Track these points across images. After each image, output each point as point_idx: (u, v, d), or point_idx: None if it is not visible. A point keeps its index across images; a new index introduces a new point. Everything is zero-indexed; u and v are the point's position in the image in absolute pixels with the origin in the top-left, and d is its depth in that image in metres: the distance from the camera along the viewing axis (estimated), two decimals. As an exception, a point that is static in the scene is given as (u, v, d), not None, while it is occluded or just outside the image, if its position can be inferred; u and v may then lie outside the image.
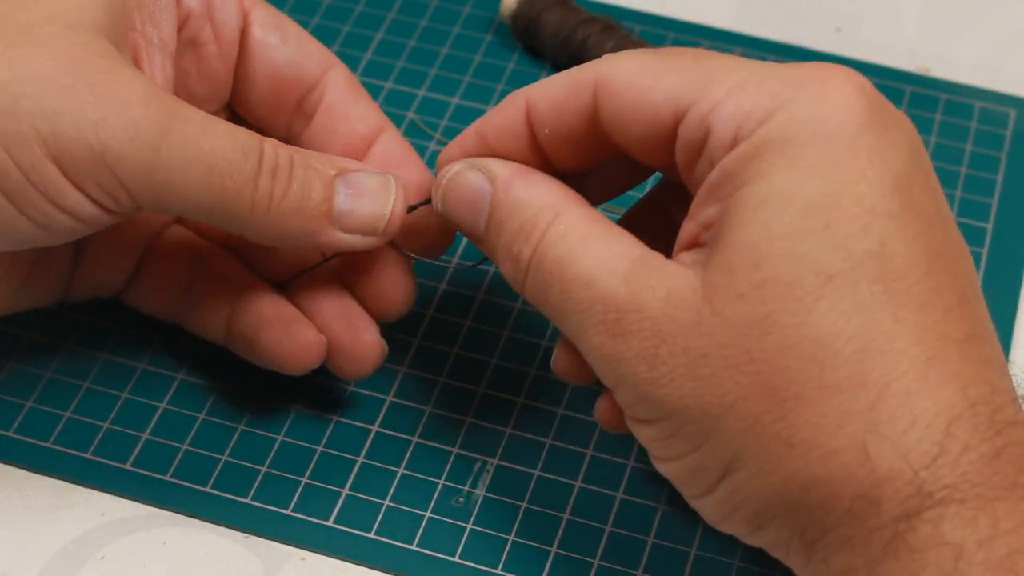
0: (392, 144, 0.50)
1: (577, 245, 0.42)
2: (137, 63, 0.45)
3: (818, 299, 0.38)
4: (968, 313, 0.39)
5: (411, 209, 0.47)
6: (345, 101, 0.50)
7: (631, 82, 0.42)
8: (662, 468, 0.42)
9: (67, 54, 0.42)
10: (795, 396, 0.38)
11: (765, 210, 0.39)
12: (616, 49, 0.61)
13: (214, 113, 0.51)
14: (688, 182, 0.42)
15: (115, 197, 0.43)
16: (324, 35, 0.63)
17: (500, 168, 0.44)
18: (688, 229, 0.41)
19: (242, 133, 0.44)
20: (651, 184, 0.55)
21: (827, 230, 0.38)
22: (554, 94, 0.44)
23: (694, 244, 0.41)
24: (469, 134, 0.46)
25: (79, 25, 0.43)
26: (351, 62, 0.63)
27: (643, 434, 0.42)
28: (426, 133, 0.60)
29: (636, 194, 0.50)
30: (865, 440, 0.38)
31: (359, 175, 0.46)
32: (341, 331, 0.48)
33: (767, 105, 0.40)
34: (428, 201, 0.47)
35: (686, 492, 0.42)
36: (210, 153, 0.42)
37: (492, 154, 0.45)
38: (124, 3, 0.45)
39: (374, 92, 0.61)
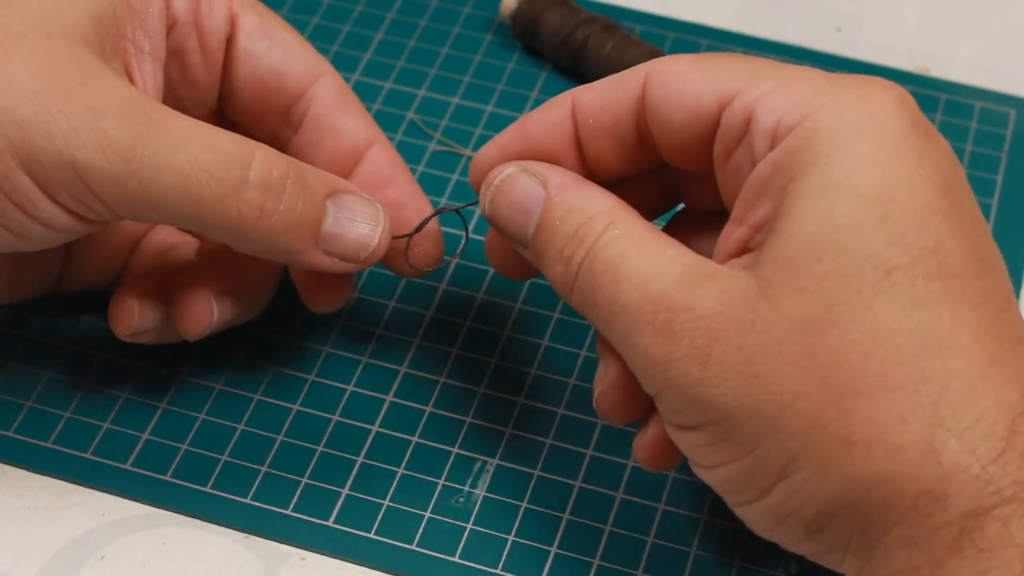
0: (381, 160, 0.50)
1: (630, 248, 0.41)
2: (128, 71, 0.45)
3: (877, 293, 0.38)
4: (1015, 319, 0.39)
5: (397, 237, 0.47)
6: (333, 113, 0.49)
7: (680, 72, 0.42)
8: (708, 476, 0.41)
9: (44, 63, 0.41)
10: (856, 392, 0.38)
11: (823, 200, 0.38)
12: (616, 49, 0.61)
13: (201, 117, 0.50)
14: (721, 177, 0.43)
15: (90, 207, 0.42)
16: (324, 35, 0.63)
17: (554, 174, 0.44)
18: (736, 234, 0.41)
19: (227, 142, 0.43)
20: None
21: (885, 222, 0.38)
22: (602, 87, 0.44)
23: (744, 250, 0.41)
24: (511, 131, 0.45)
25: (61, 34, 0.42)
26: (351, 62, 0.63)
27: (689, 441, 0.41)
28: (426, 133, 0.60)
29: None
30: (931, 435, 0.37)
31: (350, 199, 0.45)
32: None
33: (813, 100, 0.40)
34: (417, 230, 0.47)
35: (734, 499, 0.41)
36: (186, 163, 0.42)
37: (533, 152, 0.45)
38: (114, 12, 0.44)
39: (374, 92, 0.61)
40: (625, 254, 0.41)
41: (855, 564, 0.39)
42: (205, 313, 0.47)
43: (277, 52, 0.49)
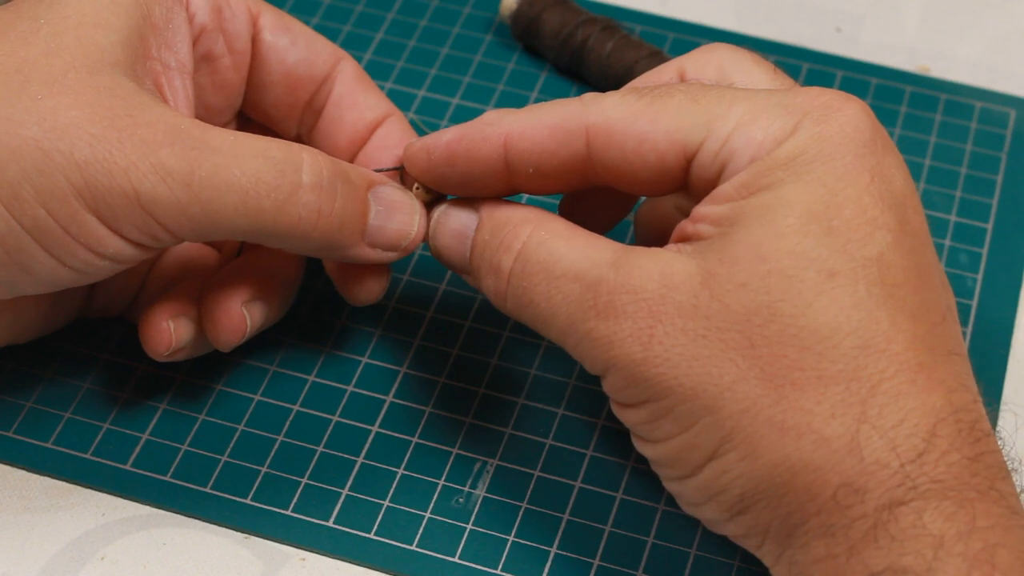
0: (394, 127, 0.51)
1: (561, 245, 0.43)
2: (159, 90, 0.46)
3: (819, 293, 0.39)
4: (949, 332, 0.41)
5: (382, 170, 0.49)
6: (354, 91, 0.51)
7: (628, 131, 0.42)
8: (647, 450, 0.43)
9: (91, 101, 0.42)
10: (792, 382, 0.39)
11: (771, 213, 0.40)
12: (617, 49, 0.61)
13: (227, 122, 0.51)
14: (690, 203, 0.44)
15: (155, 236, 0.43)
16: (324, 35, 0.63)
17: (486, 200, 0.46)
18: (683, 226, 0.42)
19: (275, 149, 0.44)
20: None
21: (829, 234, 0.40)
22: (540, 138, 0.44)
23: (683, 238, 0.42)
24: (439, 149, 0.46)
25: (100, 67, 0.43)
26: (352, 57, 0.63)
27: (630, 417, 0.43)
28: (426, 133, 0.60)
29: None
30: (856, 431, 0.39)
31: (386, 190, 0.47)
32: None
33: (776, 134, 0.41)
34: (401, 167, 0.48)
35: (668, 474, 0.43)
36: (242, 178, 0.43)
37: (456, 176, 0.46)
38: (140, 33, 0.45)
39: (374, 92, 0.61)
40: (557, 252, 0.43)
41: (773, 550, 0.41)
42: (239, 323, 0.48)
43: (300, 43, 0.50)
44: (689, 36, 0.65)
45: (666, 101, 0.43)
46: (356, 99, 0.51)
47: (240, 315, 0.48)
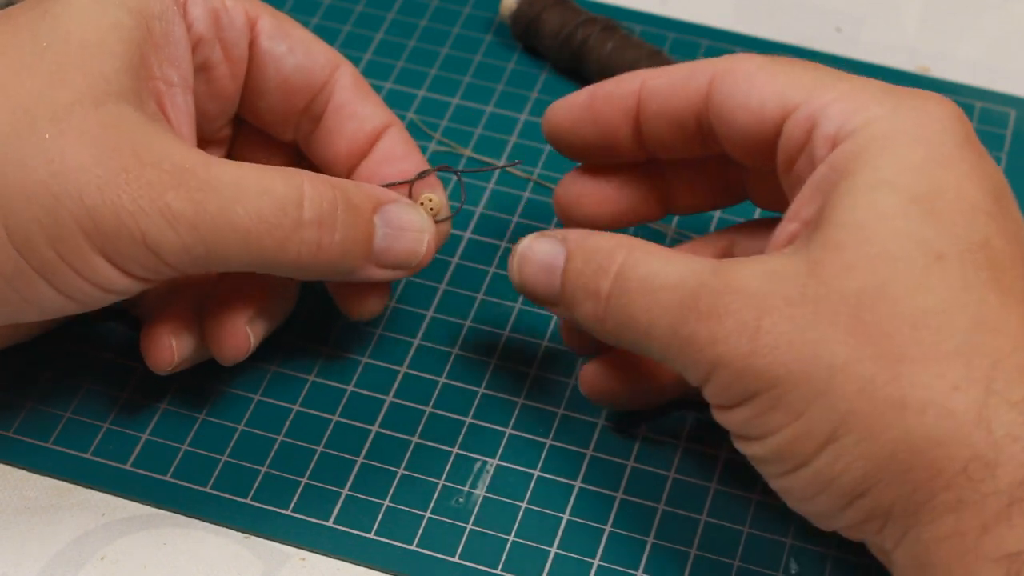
0: (395, 140, 0.51)
1: (658, 262, 0.43)
2: (161, 110, 0.46)
3: (928, 274, 0.39)
4: None
5: (392, 184, 0.49)
6: (353, 100, 0.50)
7: (747, 75, 0.44)
8: (754, 448, 0.42)
9: (98, 139, 0.42)
10: (909, 359, 0.39)
11: (873, 194, 0.40)
12: (617, 49, 0.61)
13: (222, 127, 0.51)
14: (786, 183, 0.44)
15: (158, 271, 0.44)
16: (324, 35, 0.63)
17: (570, 231, 0.46)
18: (787, 228, 0.43)
19: (278, 183, 0.44)
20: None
21: (933, 216, 0.40)
22: (671, 76, 0.46)
23: (790, 243, 0.42)
24: (580, 93, 0.48)
25: (106, 99, 0.43)
26: (351, 62, 0.62)
27: (734, 418, 0.42)
28: (426, 133, 0.60)
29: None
30: (983, 403, 0.38)
31: (395, 209, 0.47)
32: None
33: (873, 109, 0.42)
34: (419, 177, 0.49)
35: (777, 469, 0.42)
36: (245, 218, 0.43)
37: (590, 117, 0.48)
38: (142, 54, 0.45)
39: (374, 92, 0.61)
40: (655, 266, 0.43)
41: (896, 532, 0.40)
42: (243, 341, 0.48)
43: (298, 50, 0.50)
44: (689, 36, 0.65)
45: (788, 65, 0.44)
46: (355, 108, 0.50)
47: (244, 334, 0.48)
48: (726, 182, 0.50)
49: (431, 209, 0.48)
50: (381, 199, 0.47)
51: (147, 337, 0.48)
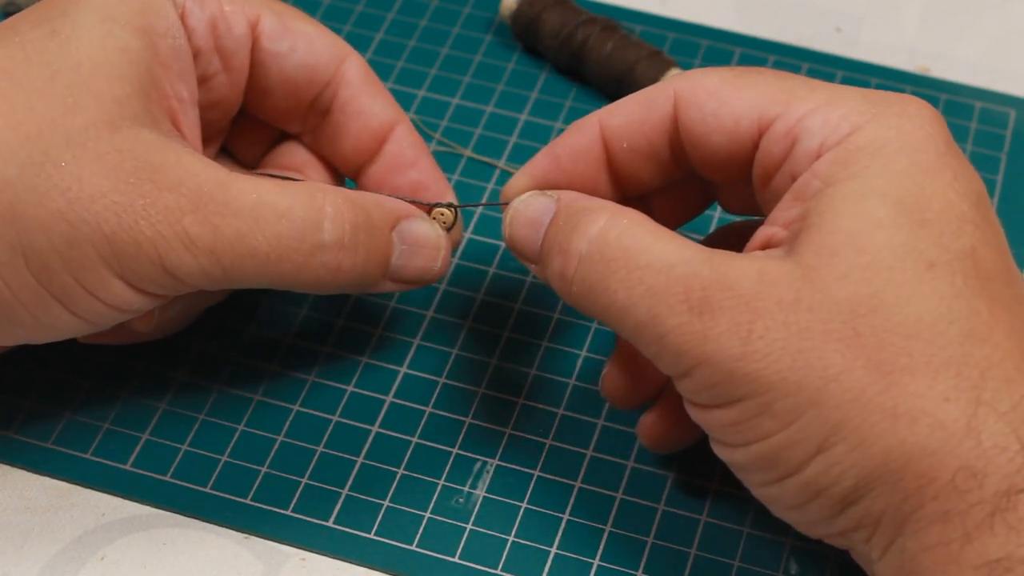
0: (404, 142, 0.50)
1: (647, 236, 0.42)
2: (176, 126, 0.46)
3: (920, 283, 0.39)
4: None
5: (414, 202, 0.48)
6: (359, 96, 0.50)
7: (713, 93, 0.44)
8: (737, 455, 0.41)
9: (115, 165, 0.42)
10: (901, 369, 0.39)
11: (864, 203, 0.40)
12: (617, 49, 0.61)
13: (222, 129, 0.51)
14: (762, 197, 0.44)
15: (176, 290, 0.44)
16: (324, 35, 0.63)
17: (567, 192, 0.45)
18: (764, 232, 0.42)
19: (298, 207, 0.44)
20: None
21: (923, 226, 0.40)
22: (631, 110, 0.45)
23: (768, 245, 0.42)
24: (540, 160, 0.46)
25: (120, 123, 0.43)
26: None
27: (718, 420, 0.41)
28: (426, 133, 0.60)
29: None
30: (972, 413, 0.38)
31: (412, 225, 0.47)
32: None
33: (854, 119, 0.41)
34: (434, 205, 0.48)
35: (764, 477, 0.41)
36: (264, 244, 0.43)
37: (566, 181, 0.46)
38: (152, 76, 0.45)
39: (374, 92, 0.61)
40: (643, 243, 0.42)
41: (883, 541, 0.40)
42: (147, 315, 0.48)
43: (301, 48, 0.49)
44: (689, 36, 0.65)
45: (754, 76, 0.44)
46: (361, 105, 0.50)
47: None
48: (702, 192, 0.49)
49: (443, 223, 0.48)
50: (399, 215, 0.47)
51: None
